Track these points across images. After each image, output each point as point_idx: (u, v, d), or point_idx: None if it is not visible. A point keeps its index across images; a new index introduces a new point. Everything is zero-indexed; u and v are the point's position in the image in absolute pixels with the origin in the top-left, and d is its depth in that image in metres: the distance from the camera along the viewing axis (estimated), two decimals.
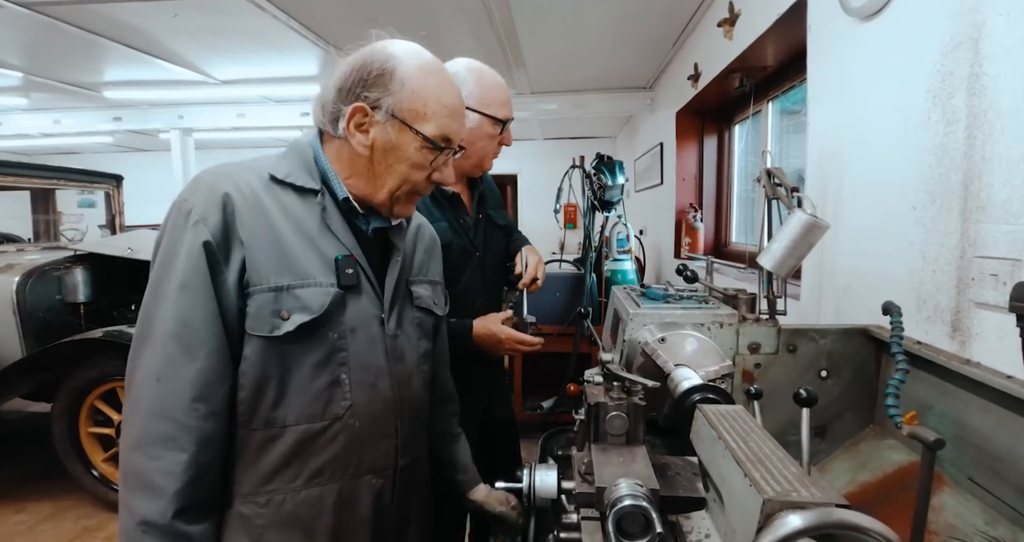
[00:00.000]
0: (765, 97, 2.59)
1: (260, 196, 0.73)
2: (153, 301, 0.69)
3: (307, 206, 0.76)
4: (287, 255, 0.73)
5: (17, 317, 2.62)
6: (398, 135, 0.75)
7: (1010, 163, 0.83)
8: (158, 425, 0.66)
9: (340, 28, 2.92)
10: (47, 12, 2.70)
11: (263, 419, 0.72)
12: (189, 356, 0.67)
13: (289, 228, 0.74)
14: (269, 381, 0.72)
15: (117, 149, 7.41)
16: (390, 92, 0.74)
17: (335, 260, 0.75)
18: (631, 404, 0.80)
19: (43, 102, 4.70)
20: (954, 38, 0.94)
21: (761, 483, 0.53)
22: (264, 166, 0.77)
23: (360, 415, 0.77)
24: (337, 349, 0.75)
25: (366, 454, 0.78)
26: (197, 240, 0.68)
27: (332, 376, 0.75)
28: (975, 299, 0.89)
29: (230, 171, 0.75)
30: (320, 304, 0.73)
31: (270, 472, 0.73)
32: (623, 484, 0.67)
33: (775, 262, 0.94)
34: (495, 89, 1.24)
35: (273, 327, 0.71)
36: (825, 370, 1.14)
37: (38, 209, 3.70)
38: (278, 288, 0.72)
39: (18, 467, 2.83)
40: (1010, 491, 0.78)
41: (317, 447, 0.74)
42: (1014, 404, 0.77)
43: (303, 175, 0.77)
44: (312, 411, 0.74)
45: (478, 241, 1.32)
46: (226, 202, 0.71)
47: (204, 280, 0.68)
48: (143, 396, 0.67)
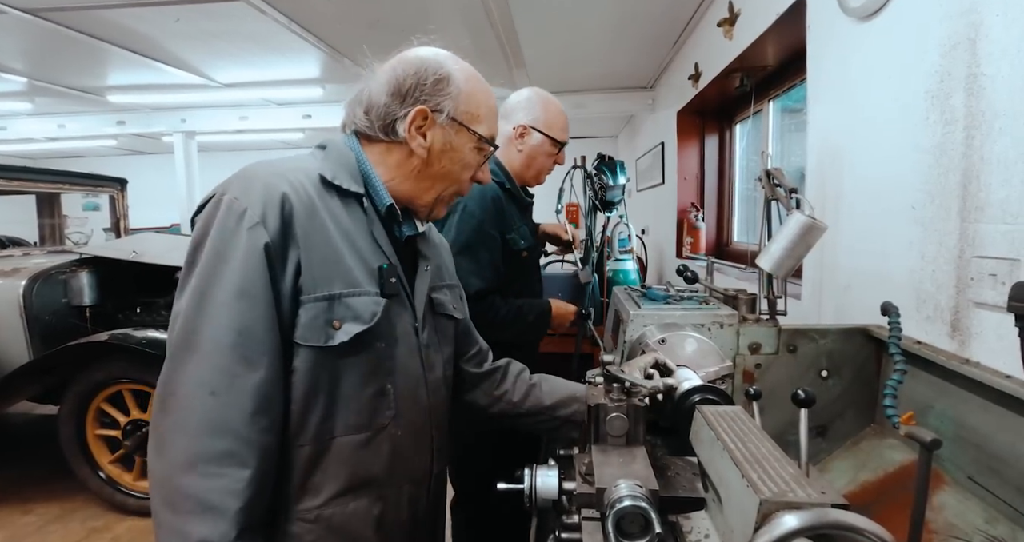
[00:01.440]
0: (766, 96, 2.59)
1: (314, 198, 0.70)
2: (199, 308, 0.63)
3: (351, 211, 0.74)
4: (339, 262, 0.70)
5: (24, 320, 2.65)
6: (455, 137, 0.77)
7: (1008, 163, 0.83)
8: (217, 441, 0.61)
9: (341, 30, 2.93)
10: (50, 18, 2.72)
11: (312, 432, 0.70)
12: (250, 367, 0.63)
13: (339, 233, 0.71)
14: (319, 393, 0.69)
15: (122, 152, 7.46)
16: (449, 96, 0.76)
17: (380, 269, 0.74)
18: (631, 405, 0.80)
19: (47, 106, 4.74)
20: (952, 38, 0.94)
21: (758, 484, 0.53)
22: (310, 166, 0.74)
23: (403, 424, 0.76)
24: (384, 358, 0.74)
25: (408, 463, 0.78)
26: (257, 243, 0.64)
27: (379, 386, 0.73)
28: (974, 299, 0.89)
29: (281, 169, 0.71)
30: (371, 313, 0.71)
31: (318, 487, 0.71)
32: (623, 485, 0.67)
33: (774, 263, 0.94)
34: (558, 116, 1.48)
35: (328, 337, 0.68)
36: (825, 370, 1.15)
37: (43, 213, 3.72)
38: (331, 297, 0.69)
39: (26, 469, 2.85)
40: (1010, 490, 0.79)
41: (364, 458, 0.73)
42: (1013, 403, 0.78)
43: (347, 178, 0.75)
44: (359, 422, 0.72)
45: (537, 248, 1.62)
46: (284, 203, 0.67)
47: (265, 286, 0.64)
48: (193, 411, 0.61)
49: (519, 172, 1.47)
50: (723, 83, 2.64)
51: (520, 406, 0.96)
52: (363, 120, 0.78)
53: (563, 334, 2.79)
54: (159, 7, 2.49)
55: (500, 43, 3.16)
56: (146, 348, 2.18)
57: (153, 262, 2.65)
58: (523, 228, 1.46)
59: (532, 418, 0.97)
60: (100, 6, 2.50)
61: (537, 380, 0.98)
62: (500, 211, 1.40)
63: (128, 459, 2.40)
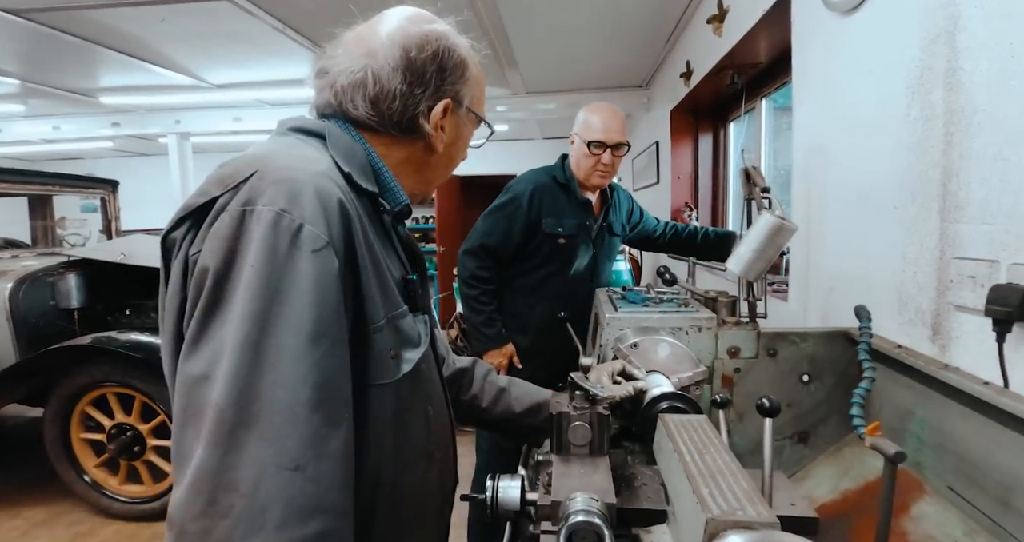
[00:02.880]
0: (758, 94, 2.56)
1: (355, 203, 0.58)
2: (254, 365, 0.46)
3: (370, 215, 0.62)
4: (384, 279, 0.59)
5: (11, 323, 2.63)
6: (466, 125, 0.72)
7: (986, 160, 0.80)
8: (309, 525, 0.46)
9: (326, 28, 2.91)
10: (35, 18, 2.71)
11: (388, 475, 0.60)
12: (334, 425, 0.49)
13: (375, 244, 0.59)
14: (385, 434, 0.58)
15: (118, 154, 7.46)
16: (467, 83, 0.68)
17: (410, 281, 0.64)
18: (594, 414, 0.78)
19: (41, 108, 4.74)
20: (931, 32, 0.91)
21: (708, 500, 0.51)
22: (329, 161, 0.59)
23: (439, 445, 0.71)
24: (426, 380, 0.66)
25: (445, 482, 0.74)
26: (328, 270, 0.50)
27: (423, 410, 0.66)
28: (954, 302, 0.86)
29: (318, 167, 0.55)
30: (418, 334, 0.62)
31: (388, 532, 0.62)
32: (578, 498, 0.65)
33: (743, 265, 0.91)
34: (592, 118, 1.62)
35: (397, 370, 0.59)
36: (807, 374, 1.12)
37: (35, 215, 3.71)
38: (389, 321, 0.58)
39: (15, 472, 2.84)
40: (988, 501, 0.75)
41: (421, 489, 0.67)
42: (991, 411, 0.75)
43: (361, 176, 0.61)
44: (415, 455, 0.64)
45: (597, 242, 1.73)
46: (344, 214, 0.53)
47: (342, 326, 0.51)
48: (271, 499, 0.44)
49: (575, 174, 1.68)
50: (715, 81, 2.61)
51: (490, 412, 0.92)
52: (367, 109, 0.63)
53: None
54: (143, 7, 2.48)
55: (491, 43, 3.13)
56: (130, 351, 2.16)
57: (143, 264, 2.63)
58: (569, 220, 1.65)
59: (500, 425, 0.93)
60: (83, 6, 2.49)
61: (507, 384, 0.93)
62: (541, 197, 1.65)
63: (113, 463, 2.38)
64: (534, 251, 1.67)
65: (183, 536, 0.44)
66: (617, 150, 1.63)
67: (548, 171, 1.73)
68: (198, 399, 0.46)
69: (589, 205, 1.70)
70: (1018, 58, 0.74)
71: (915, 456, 0.92)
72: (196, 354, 0.47)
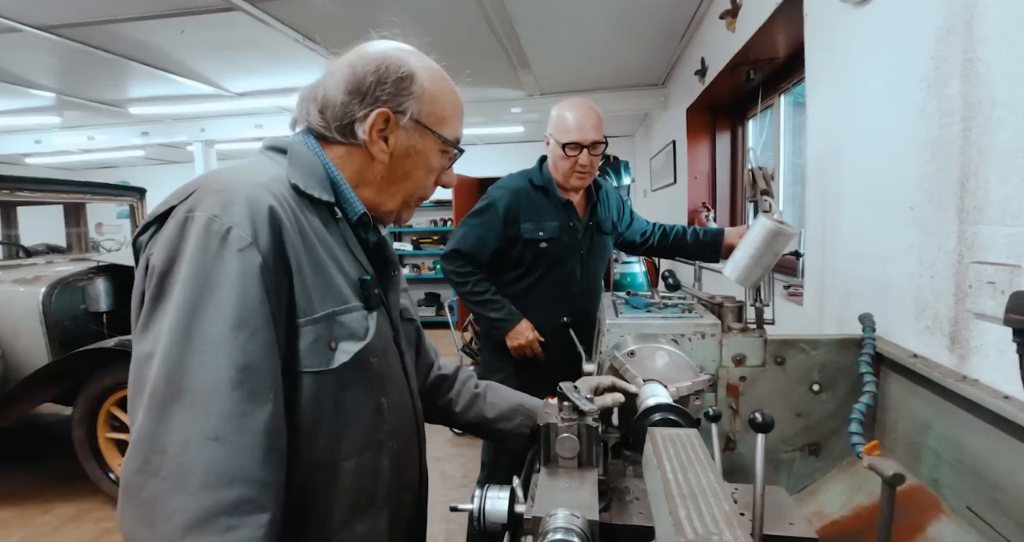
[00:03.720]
0: (776, 90, 2.48)
1: (296, 210, 0.64)
2: (183, 347, 0.53)
3: (325, 222, 0.69)
4: (328, 278, 0.66)
5: (44, 326, 2.75)
6: (420, 140, 0.73)
7: (1007, 157, 0.74)
8: (230, 491, 0.52)
9: (341, 37, 2.95)
10: (70, 36, 2.83)
11: (322, 458, 0.65)
12: (256, 403, 0.55)
13: (322, 247, 0.66)
14: (323, 418, 0.64)
15: (150, 162, 7.74)
16: (413, 96, 0.70)
17: (363, 281, 0.70)
18: (583, 425, 0.75)
19: (76, 120, 4.95)
20: (947, 21, 0.86)
21: (684, 523, 0.48)
22: (281, 174, 0.67)
23: (398, 436, 0.75)
24: (377, 373, 0.71)
25: (404, 474, 0.76)
26: (251, 267, 0.56)
27: (375, 402, 0.71)
28: (973, 309, 0.81)
29: (259, 180, 0.63)
30: (364, 329, 0.68)
31: (326, 516, 0.67)
32: (559, 514, 0.62)
33: (739, 273, 0.87)
34: (564, 119, 1.56)
35: (329, 360, 0.64)
36: (818, 384, 1.07)
37: (70, 222, 3.87)
38: (327, 316, 0.64)
39: (50, 470, 2.96)
40: (1009, 525, 0.70)
41: (368, 477, 0.70)
42: (1012, 428, 0.69)
43: (317, 186, 0.69)
44: (362, 443, 0.69)
45: (584, 242, 1.68)
46: (273, 218, 0.59)
47: (266, 316, 0.57)
48: (193, 464, 0.52)
49: (554, 176, 1.64)
50: (731, 78, 2.54)
51: (463, 416, 0.95)
52: (317, 119, 0.72)
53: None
54: (163, 19, 2.56)
55: (501, 45, 3.12)
56: None
57: None
58: (550, 223, 1.61)
59: (475, 429, 0.95)
60: (107, 20, 2.59)
61: (483, 390, 0.95)
62: (519, 202, 1.60)
63: None
64: (518, 258, 1.64)
65: (127, 489, 0.53)
66: (594, 149, 1.56)
67: (526, 174, 1.69)
68: (143, 375, 0.54)
69: (571, 206, 1.65)
70: None
71: (932, 473, 0.87)
72: (143, 338, 0.56)
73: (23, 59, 3.27)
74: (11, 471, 2.95)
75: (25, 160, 6.62)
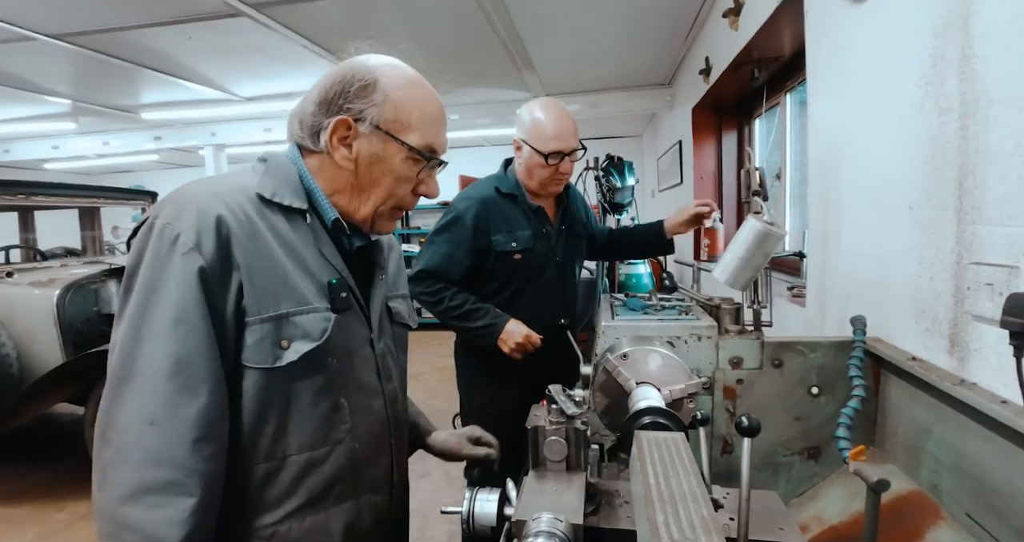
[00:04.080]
0: (782, 89, 2.45)
1: (253, 217, 0.69)
2: (134, 338, 0.61)
3: (296, 227, 0.73)
4: (284, 280, 0.69)
5: (58, 327, 2.80)
6: (383, 147, 0.73)
7: (1005, 156, 0.73)
8: (159, 472, 0.59)
9: (341, 39, 2.97)
10: (83, 44, 2.89)
11: (264, 452, 0.69)
12: (190, 394, 0.61)
13: (283, 251, 0.70)
14: (269, 414, 0.68)
15: (163, 166, 7.87)
16: (374, 103, 0.72)
17: (329, 284, 0.73)
18: (571, 429, 0.75)
19: (91, 126, 5.05)
20: (944, 17, 0.84)
21: (660, 528, 0.47)
22: (248, 184, 0.72)
23: (360, 437, 0.76)
24: (336, 373, 0.73)
25: (367, 474, 0.78)
26: (191, 269, 0.62)
27: (332, 401, 0.73)
28: (972, 311, 0.79)
29: (217, 190, 0.68)
30: (321, 330, 0.70)
31: (273, 505, 0.70)
32: (543, 518, 0.62)
33: (729, 274, 0.86)
34: (544, 126, 1.44)
35: (275, 358, 0.67)
36: (816, 387, 1.05)
37: (84, 226, 3.95)
38: (278, 316, 0.67)
39: (62, 467, 3.02)
40: (1007, 532, 0.68)
41: (320, 474, 0.72)
42: (1010, 433, 0.68)
43: (290, 194, 0.73)
44: (314, 439, 0.71)
45: (559, 248, 1.57)
46: (220, 225, 0.64)
47: (203, 314, 0.62)
48: (132, 443, 0.59)
49: (524, 182, 1.53)
50: (736, 77, 2.51)
51: None
52: (297, 131, 0.77)
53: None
54: (171, 26, 2.60)
55: (505, 47, 3.12)
56: None
57: None
58: (522, 232, 1.49)
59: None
60: (118, 28, 2.64)
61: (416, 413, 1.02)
62: (488, 213, 1.48)
63: None
64: (491, 272, 1.50)
65: (95, 456, 0.62)
66: (574, 155, 1.47)
67: (491, 182, 1.55)
68: (110, 360, 0.62)
69: (542, 211, 1.54)
70: None
71: (932, 478, 0.85)
72: (115, 328, 0.64)
73: (39, 67, 3.35)
74: (26, 469, 3.02)
75: (44, 165, 6.77)
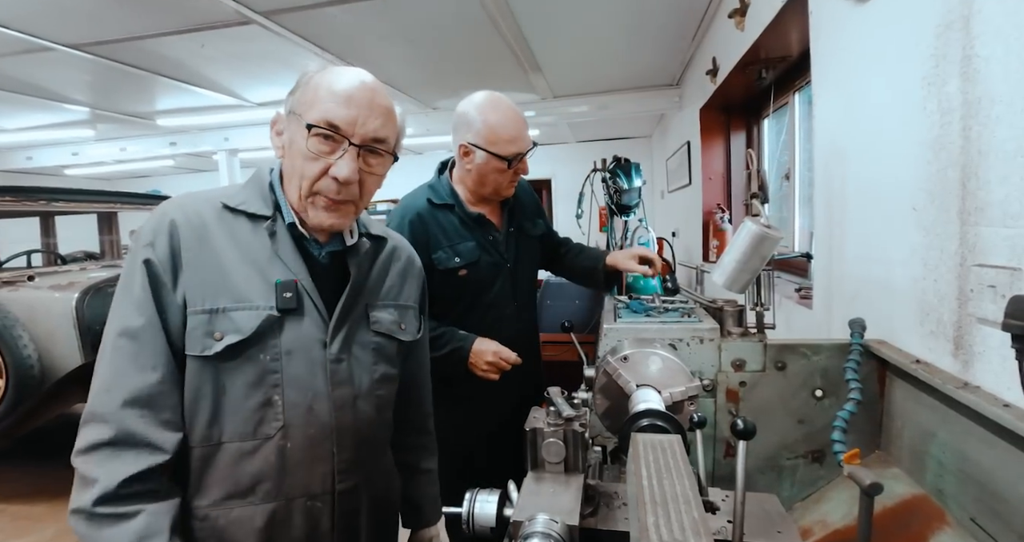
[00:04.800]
0: (791, 88, 2.43)
1: (207, 223, 0.76)
2: (111, 318, 0.73)
3: (258, 233, 0.78)
4: (227, 279, 0.75)
5: (77, 330, 2.87)
6: (295, 129, 0.77)
7: (1006, 157, 0.72)
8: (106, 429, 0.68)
9: (353, 47, 3.01)
10: (101, 53, 2.97)
11: (199, 435, 0.75)
12: (137, 368, 0.70)
13: (234, 254, 0.76)
14: (202, 399, 0.74)
15: (179, 171, 8.02)
16: (296, 93, 0.78)
17: (276, 284, 0.77)
18: (569, 431, 0.76)
19: (109, 132, 5.17)
20: (945, 17, 0.84)
21: (650, 529, 0.48)
22: (221, 195, 0.80)
23: (293, 437, 0.77)
24: (269, 371, 0.76)
25: (300, 476, 0.77)
26: (141, 264, 0.73)
27: (264, 397, 0.75)
28: (975, 313, 0.78)
29: (185, 201, 0.79)
30: (250, 326, 0.74)
31: (207, 488, 0.75)
32: (539, 519, 0.63)
33: (727, 277, 0.86)
34: (501, 127, 1.28)
35: (204, 347, 0.73)
36: (820, 389, 1.04)
37: (103, 230, 4.05)
38: (213, 310, 0.74)
39: None
40: (1012, 538, 0.67)
41: (249, 466, 0.75)
42: (1011, 437, 0.67)
43: (257, 202, 0.80)
44: (244, 430, 0.75)
45: (509, 254, 1.41)
46: (172, 228, 0.74)
47: (147, 300, 0.72)
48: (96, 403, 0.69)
49: (475, 190, 1.36)
50: (743, 77, 2.49)
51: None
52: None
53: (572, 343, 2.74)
54: (184, 34, 2.66)
55: (511, 50, 3.14)
56: None
57: None
58: (464, 244, 1.33)
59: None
60: (134, 37, 2.70)
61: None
62: (422, 229, 1.31)
63: None
64: (436, 291, 1.26)
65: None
66: (529, 154, 1.34)
67: (420, 194, 1.38)
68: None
69: (484, 218, 1.37)
70: None
71: (937, 482, 0.84)
72: None
73: (59, 76, 3.44)
74: (46, 468, 3.10)
75: (65, 171, 6.94)
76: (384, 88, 0.81)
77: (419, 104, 4.62)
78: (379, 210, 5.89)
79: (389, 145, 0.81)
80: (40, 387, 2.77)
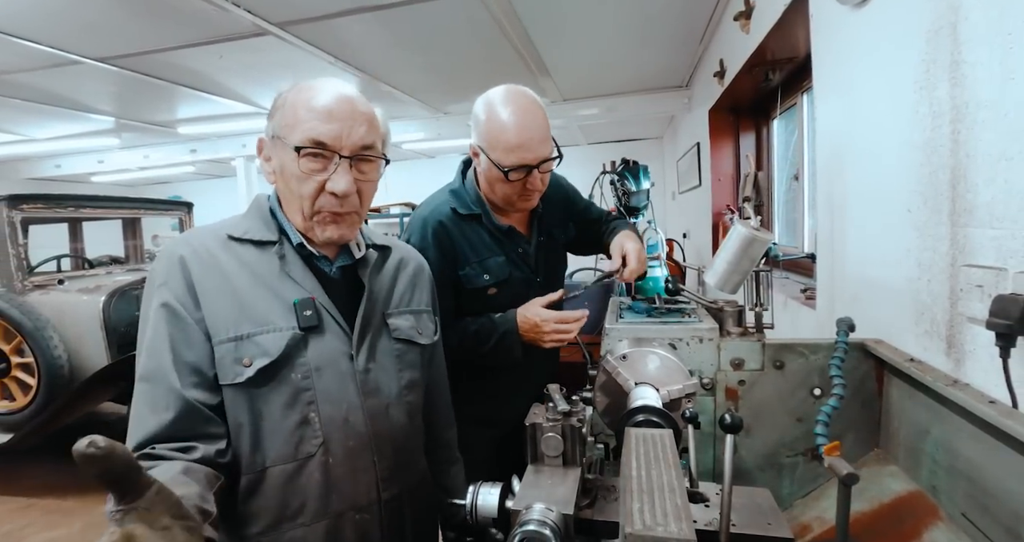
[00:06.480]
0: (799, 89, 2.43)
1: (216, 254, 0.77)
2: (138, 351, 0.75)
3: (266, 257, 0.80)
4: (245, 305, 0.76)
5: (103, 331, 3.00)
6: (281, 152, 0.77)
7: (992, 160, 0.74)
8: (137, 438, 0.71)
9: (364, 55, 3.09)
10: (126, 65, 3.09)
11: (245, 464, 0.75)
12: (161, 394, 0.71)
13: (247, 280, 0.77)
14: (243, 427, 0.75)
15: (200, 177, 8.24)
16: (275, 116, 0.79)
17: (294, 304, 0.78)
18: (567, 425, 0.79)
19: (133, 140, 5.35)
20: (934, 23, 0.86)
21: (635, 515, 0.51)
22: (224, 228, 0.81)
23: (334, 451, 0.78)
24: (302, 388, 0.76)
25: (345, 490, 0.78)
26: (157, 301, 0.74)
27: (301, 415, 0.76)
28: (965, 312, 0.80)
29: (189, 237, 0.80)
30: (277, 347, 0.75)
31: (256, 515, 0.76)
32: (536, 508, 0.67)
33: (718, 279, 0.88)
34: (502, 132, 1.09)
35: (236, 374, 0.74)
36: (819, 388, 1.06)
37: (127, 235, 4.19)
38: (238, 337, 0.74)
39: None
40: (1000, 532, 0.69)
41: (295, 487, 0.76)
42: (999, 433, 0.69)
43: (261, 229, 0.81)
44: (286, 451, 0.76)
45: (539, 266, 1.29)
46: (183, 264, 0.75)
47: (169, 336, 0.73)
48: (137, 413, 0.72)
49: (488, 196, 1.21)
50: (751, 79, 2.50)
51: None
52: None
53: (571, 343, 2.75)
54: (204, 46, 2.77)
55: (519, 54, 3.18)
56: None
57: None
58: (494, 260, 1.19)
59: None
60: (156, 50, 2.82)
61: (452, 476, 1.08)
62: (447, 242, 1.18)
63: None
64: (463, 309, 1.22)
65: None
66: (544, 166, 1.14)
67: (445, 202, 1.21)
68: None
69: (513, 231, 1.23)
70: (1017, 49, 0.68)
71: (931, 479, 0.86)
72: None
73: (86, 88, 3.59)
74: (75, 464, 3.22)
75: (91, 178, 7.19)
76: (360, 94, 0.81)
77: (430, 109, 4.69)
78: (392, 214, 5.96)
79: (377, 150, 0.81)
80: (69, 386, 2.89)
